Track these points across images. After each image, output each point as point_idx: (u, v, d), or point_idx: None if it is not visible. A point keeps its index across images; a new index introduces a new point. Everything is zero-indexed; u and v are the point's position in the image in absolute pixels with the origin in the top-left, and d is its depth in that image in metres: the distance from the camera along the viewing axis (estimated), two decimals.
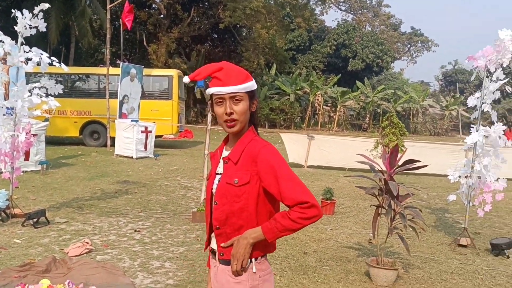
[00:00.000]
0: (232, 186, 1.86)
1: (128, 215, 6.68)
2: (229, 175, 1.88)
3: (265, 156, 1.84)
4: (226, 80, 1.85)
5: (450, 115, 41.56)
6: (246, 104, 1.89)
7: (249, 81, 1.89)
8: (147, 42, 33.62)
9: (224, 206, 1.88)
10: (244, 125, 1.93)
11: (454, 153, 12.72)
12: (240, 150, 1.90)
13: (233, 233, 1.88)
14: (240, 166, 1.87)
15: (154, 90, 17.32)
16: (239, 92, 1.86)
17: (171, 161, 13.02)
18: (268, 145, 1.89)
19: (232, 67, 1.91)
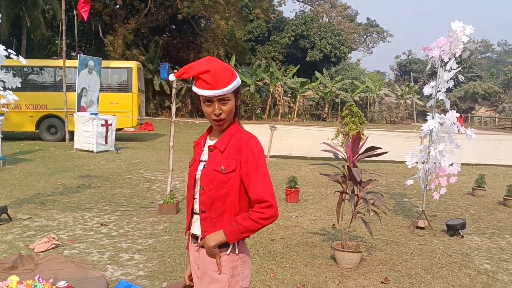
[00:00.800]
0: (218, 173, 1.96)
1: (93, 209, 6.61)
2: (216, 162, 1.98)
3: (251, 147, 1.96)
4: (214, 84, 1.91)
5: (405, 104, 42.81)
6: (233, 102, 1.99)
7: (235, 79, 1.97)
8: (103, 34, 32.80)
9: (211, 191, 1.97)
10: (230, 120, 2.03)
11: (410, 140, 13.23)
12: (227, 140, 2.00)
13: (217, 218, 1.98)
14: (227, 154, 1.97)
15: (113, 82, 16.99)
16: (227, 94, 1.94)
17: (133, 154, 12.88)
18: (254, 137, 2.02)
19: (219, 68, 1.93)
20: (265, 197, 1.90)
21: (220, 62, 1.99)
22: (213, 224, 1.99)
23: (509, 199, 7.79)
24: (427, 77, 56.88)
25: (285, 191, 7.67)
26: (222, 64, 1.98)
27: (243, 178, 1.95)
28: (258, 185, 1.92)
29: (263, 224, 1.93)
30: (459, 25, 5.60)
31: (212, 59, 2.00)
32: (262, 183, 1.93)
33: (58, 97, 14.94)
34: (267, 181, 1.95)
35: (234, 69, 1.86)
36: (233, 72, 1.98)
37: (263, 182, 1.93)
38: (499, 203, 8.03)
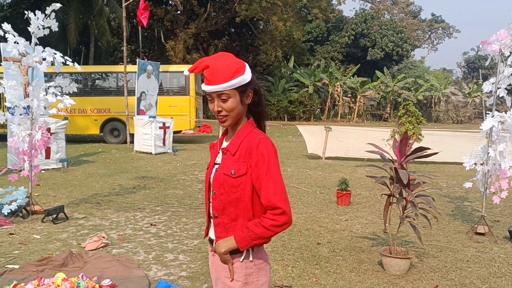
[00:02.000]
0: (229, 177, 1.89)
1: (145, 209, 6.78)
2: (227, 166, 1.91)
3: (261, 150, 1.87)
4: (212, 79, 1.86)
5: (474, 102, 40.72)
6: (235, 100, 1.89)
7: (238, 77, 1.87)
8: (165, 39, 33.89)
9: (222, 196, 1.91)
10: (237, 119, 1.96)
11: (475, 140, 12.48)
12: (239, 142, 1.93)
13: (229, 223, 1.92)
14: (238, 157, 1.90)
15: (172, 86, 17.48)
16: (225, 91, 1.86)
17: (189, 156, 13.14)
18: (266, 138, 1.91)
19: (219, 64, 1.87)
20: (277, 203, 1.82)
21: (227, 58, 1.92)
22: (226, 230, 1.93)
23: None
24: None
25: (336, 194, 7.48)
26: (228, 60, 1.90)
27: (254, 183, 1.87)
28: (270, 191, 1.83)
29: (275, 231, 1.84)
30: None
31: (222, 54, 1.94)
32: (274, 188, 1.84)
33: (120, 101, 15.57)
34: (280, 186, 1.85)
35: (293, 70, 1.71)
36: (238, 69, 1.88)
37: (275, 187, 1.84)
38: None
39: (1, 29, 5.86)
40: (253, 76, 1.94)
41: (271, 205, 1.82)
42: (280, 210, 1.81)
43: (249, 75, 1.92)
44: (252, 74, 1.94)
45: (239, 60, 1.94)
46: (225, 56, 1.92)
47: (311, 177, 9.85)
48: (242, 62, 1.92)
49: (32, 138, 6.04)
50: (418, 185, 4.33)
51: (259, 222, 1.84)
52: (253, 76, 1.95)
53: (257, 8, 29.80)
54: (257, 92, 1.97)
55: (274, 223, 1.82)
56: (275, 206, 1.82)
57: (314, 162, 12.21)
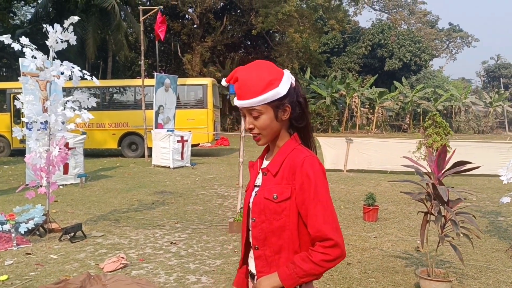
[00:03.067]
0: (270, 202, 1.64)
1: (165, 226, 6.56)
2: (268, 189, 1.67)
3: (307, 170, 1.61)
4: (241, 93, 1.66)
5: (495, 112, 39.89)
6: (268, 116, 1.66)
7: (270, 90, 1.63)
8: (182, 53, 34.03)
9: (263, 224, 1.66)
10: (273, 137, 1.72)
11: (503, 151, 12.07)
12: (280, 161, 1.69)
13: (273, 256, 1.66)
14: (280, 178, 1.66)
15: (189, 99, 17.39)
16: (256, 106, 1.64)
17: (207, 169, 12.94)
18: (312, 156, 1.66)
19: (250, 75, 1.65)
20: (328, 233, 1.55)
21: (262, 68, 1.67)
22: (269, 264, 1.66)
23: None
24: None
25: (362, 209, 7.17)
26: (261, 71, 1.66)
27: (299, 208, 1.62)
28: (318, 219, 1.57)
29: (327, 267, 1.57)
30: None
31: (257, 64, 1.70)
32: (324, 215, 1.58)
33: (138, 115, 15.49)
34: (330, 212, 1.59)
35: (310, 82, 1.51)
36: (271, 81, 1.63)
37: (324, 214, 1.58)
38: None
39: (19, 42, 5.75)
40: (292, 88, 1.69)
41: (320, 236, 1.56)
42: (331, 242, 1.55)
43: (284, 87, 1.66)
44: (292, 85, 1.69)
45: (277, 69, 1.69)
46: (260, 66, 1.68)
47: (333, 191, 9.54)
48: (278, 73, 1.67)
49: (49, 154, 5.90)
50: (457, 201, 4.02)
51: (307, 256, 1.58)
52: (294, 87, 1.70)
53: (274, 20, 29.72)
54: (297, 105, 1.71)
55: (325, 258, 1.55)
56: (325, 237, 1.55)
57: (336, 175, 11.88)
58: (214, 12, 33.89)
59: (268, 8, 29.87)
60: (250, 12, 32.87)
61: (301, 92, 1.73)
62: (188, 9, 32.96)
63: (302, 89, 1.77)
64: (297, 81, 1.73)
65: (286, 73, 1.70)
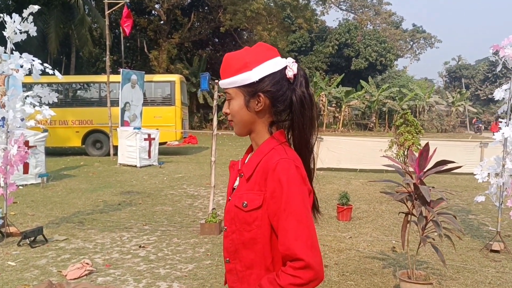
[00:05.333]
0: (240, 210, 1.41)
1: (132, 229, 6.25)
2: (239, 195, 1.44)
3: (279, 175, 1.35)
4: (222, 72, 1.51)
5: (457, 111, 40.99)
6: (237, 102, 1.47)
7: (241, 73, 1.43)
8: (148, 49, 33.35)
9: (233, 235, 1.45)
10: (245, 128, 1.50)
11: (469, 150, 12.27)
12: (255, 162, 1.45)
13: (244, 271, 1.44)
14: (253, 184, 1.42)
15: (156, 96, 16.95)
16: (228, 88, 1.48)
17: (176, 168, 12.61)
18: (287, 158, 1.38)
19: (233, 55, 1.50)
20: (298, 252, 1.29)
21: (250, 49, 1.50)
22: (240, 279, 1.45)
23: None
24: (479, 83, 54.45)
25: (336, 208, 7.06)
26: (245, 52, 1.49)
27: (271, 220, 1.38)
28: (289, 234, 1.31)
29: None
30: None
31: (257, 44, 1.53)
32: (295, 230, 1.31)
33: (103, 112, 14.98)
34: (304, 227, 1.32)
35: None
36: (246, 64, 1.43)
37: (296, 229, 1.31)
38: None
39: None
40: (277, 78, 1.43)
41: (290, 255, 1.31)
42: (302, 263, 1.28)
43: (259, 73, 1.42)
44: (286, 76, 1.45)
45: (267, 53, 1.47)
46: (253, 47, 1.51)
47: None
48: (264, 56, 1.45)
49: (7, 153, 5.49)
50: (438, 201, 3.93)
51: (275, 279, 1.32)
52: (287, 78, 1.45)
53: (242, 18, 29.50)
54: (284, 100, 1.45)
55: (295, 281, 1.29)
56: (295, 257, 1.30)
57: None
58: (181, 8, 33.36)
59: (236, 5, 29.61)
60: (218, 9, 32.51)
61: (301, 87, 1.46)
62: (155, 4, 32.31)
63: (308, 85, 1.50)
64: (301, 75, 1.48)
65: (276, 60, 1.47)
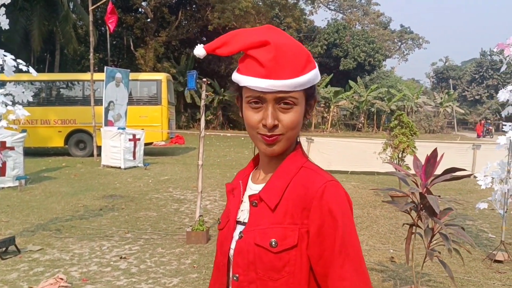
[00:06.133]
0: (266, 251, 1.03)
1: (113, 237, 5.85)
2: (262, 230, 1.05)
3: (331, 204, 1.01)
4: (274, 68, 1.01)
5: (445, 112, 41.07)
6: (301, 110, 1.07)
7: (311, 69, 1.06)
8: (135, 47, 32.78)
9: (252, 285, 1.06)
10: (291, 143, 1.11)
11: (462, 151, 12.09)
12: (282, 186, 1.07)
13: None
14: (282, 215, 1.05)
15: (142, 95, 16.48)
16: (294, 91, 1.03)
17: (162, 170, 12.19)
18: (334, 181, 1.06)
19: (286, 43, 1.04)
20: None
21: (286, 34, 1.08)
22: None
23: None
24: (466, 84, 54.73)
25: None
26: (291, 38, 1.07)
27: (314, 265, 1.03)
28: (346, 284, 0.99)
29: None
30: None
31: (275, 28, 1.09)
32: (355, 282, 0.99)
33: (87, 111, 14.48)
34: (364, 277, 1.01)
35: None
36: (309, 56, 1.06)
37: (356, 280, 1.00)
38: None
39: None
40: None
41: None
42: None
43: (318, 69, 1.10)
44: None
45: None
46: (282, 32, 1.10)
47: None
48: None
49: None
50: (445, 212, 3.61)
51: None
52: None
53: (230, 16, 29.12)
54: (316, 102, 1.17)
55: None
56: None
57: None
58: (168, 6, 32.86)
59: (224, 3, 29.22)
60: (206, 7, 32.09)
61: None
62: (142, 2, 31.78)
63: None
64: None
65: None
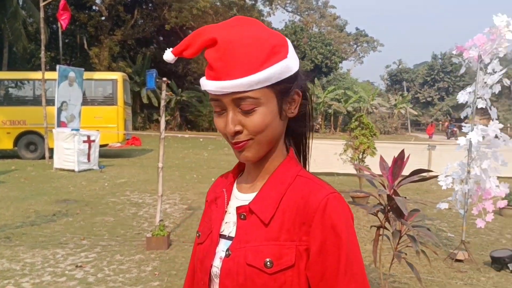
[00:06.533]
0: (259, 272, 0.89)
1: (68, 244, 5.55)
2: (254, 248, 0.91)
3: (334, 220, 0.88)
4: (222, 68, 0.88)
5: (399, 113, 42.24)
6: (270, 109, 0.91)
7: (276, 62, 0.89)
8: (89, 46, 31.79)
9: None
10: (268, 148, 0.97)
11: (418, 152, 12.35)
12: (277, 196, 0.94)
13: None
14: (277, 230, 0.92)
15: (97, 95, 15.93)
16: (250, 92, 0.88)
17: (118, 173, 11.80)
18: (336, 193, 0.92)
19: (239, 36, 0.89)
20: None
21: (252, 25, 0.92)
22: None
23: None
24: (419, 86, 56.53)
25: None
26: (255, 30, 0.91)
27: (315, 286, 0.90)
28: None
29: None
30: (503, 20, 4.70)
31: (241, 20, 0.94)
32: None
33: (38, 111, 13.81)
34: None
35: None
36: (275, 49, 0.90)
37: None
38: None
39: None
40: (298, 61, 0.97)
41: None
42: None
43: (295, 60, 0.95)
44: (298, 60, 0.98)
45: (275, 31, 0.96)
46: (250, 23, 0.93)
47: None
48: (280, 36, 0.94)
49: None
50: (412, 213, 3.60)
51: None
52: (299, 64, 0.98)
53: (188, 16, 28.79)
54: (305, 94, 1.00)
55: None
56: None
57: None
58: (124, 4, 32.08)
59: (182, 2, 28.87)
60: (163, 6, 31.56)
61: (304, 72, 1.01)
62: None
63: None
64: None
65: (288, 40, 0.98)
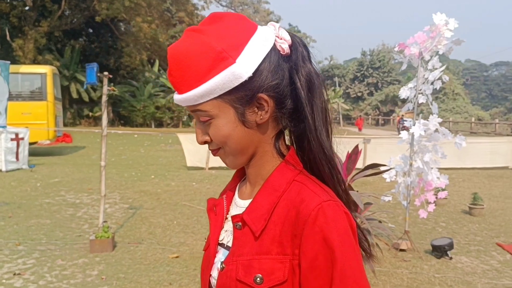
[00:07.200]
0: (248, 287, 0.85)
1: (2, 250, 5.16)
2: (245, 262, 0.86)
3: (324, 231, 0.81)
4: (173, 82, 0.89)
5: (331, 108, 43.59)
6: (227, 119, 0.88)
7: (219, 71, 0.83)
8: (11, 37, 29.88)
9: None
10: (244, 156, 0.92)
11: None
12: (269, 206, 0.88)
13: None
14: (268, 243, 0.86)
15: (24, 89, 15.00)
16: (201, 104, 0.87)
17: (50, 172, 11.18)
18: (332, 201, 0.85)
19: (184, 47, 0.85)
20: None
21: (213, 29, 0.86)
22: None
23: (474, 208, 7.34)
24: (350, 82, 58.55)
25: None
26: (205, 34, 0.85)
27: None
28: None
29: None
30: (442, 18, 4.93)
31: (211, 19, 0.88)
32: None
33: None
34: None
35: (159, 75, 0.73)
36: (219, 55, 0.83)
37: None
38: (464, 212, 7.57)
39: None
40: (270, 61, 0.87)
41: None
42: None
43: (249, 62, 0.85)
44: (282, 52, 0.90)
45: (237, 23, 0.88)
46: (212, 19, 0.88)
47: (200, 192, 8.89)
48: (236, 31, 0.86)
49: None
50: (365, 206, 3.69)
51: None
52: (282, 55, 0.90)
53: (120, 8, 27.87)
54: (284, 93, 0.90)
55: None
56: None
57: (198, 173, 11.24)
58: None
59: None
60: None
61: (305, 63, 0.92)
62: None
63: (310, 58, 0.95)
64: (298, 44, 0.93)
65: (261, 32, 0.89)
